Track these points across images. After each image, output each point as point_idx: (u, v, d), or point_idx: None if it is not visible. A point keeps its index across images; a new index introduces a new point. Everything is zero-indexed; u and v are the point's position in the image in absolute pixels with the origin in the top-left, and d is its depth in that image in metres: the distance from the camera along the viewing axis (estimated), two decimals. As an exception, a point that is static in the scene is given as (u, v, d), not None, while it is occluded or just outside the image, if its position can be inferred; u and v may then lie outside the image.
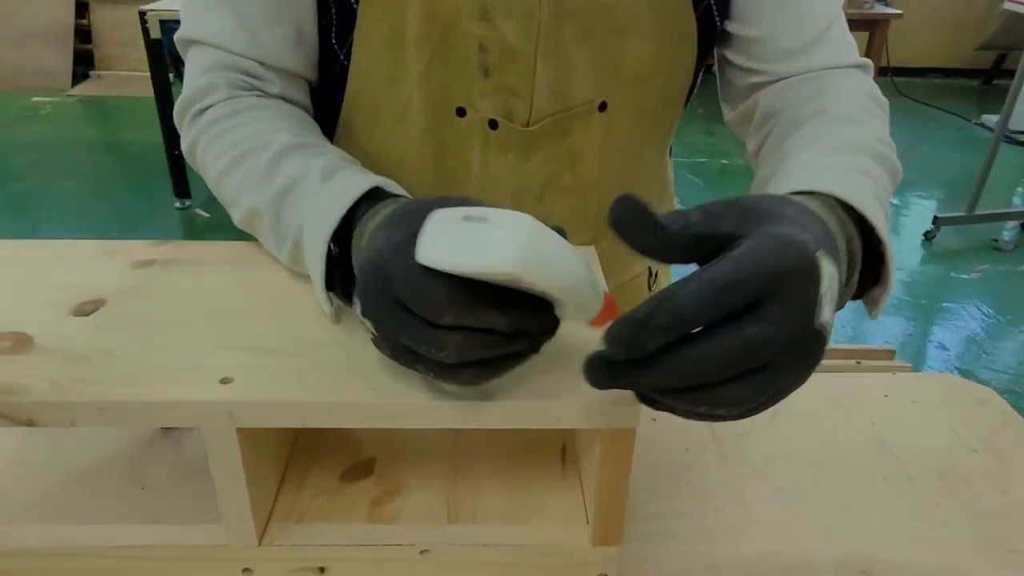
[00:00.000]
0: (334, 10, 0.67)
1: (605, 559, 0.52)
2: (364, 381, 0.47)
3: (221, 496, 0.48)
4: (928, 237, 3.28)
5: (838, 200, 0.49)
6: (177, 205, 3.38)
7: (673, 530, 0.62)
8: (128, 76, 5.00)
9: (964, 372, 2.42)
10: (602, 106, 0.71)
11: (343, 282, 0.53)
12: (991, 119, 4.50)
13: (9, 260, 0.62)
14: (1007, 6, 4.01)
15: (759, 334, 0.35)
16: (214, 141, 0.64)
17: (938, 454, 0.71)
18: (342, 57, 0.69)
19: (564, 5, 0.65)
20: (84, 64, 5.10)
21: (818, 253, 0.37)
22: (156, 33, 3.02)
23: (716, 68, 0.80)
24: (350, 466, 0.58)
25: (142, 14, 3.01)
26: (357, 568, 0.52)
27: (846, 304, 0.49)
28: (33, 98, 4.76)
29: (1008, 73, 5.16)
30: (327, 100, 0.74)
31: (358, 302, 0.44)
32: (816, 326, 0.37)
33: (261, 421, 0.45)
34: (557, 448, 0.60)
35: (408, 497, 0.55)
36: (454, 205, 0.42)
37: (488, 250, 0.37)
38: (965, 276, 3.02)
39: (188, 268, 0.60)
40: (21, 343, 0.50)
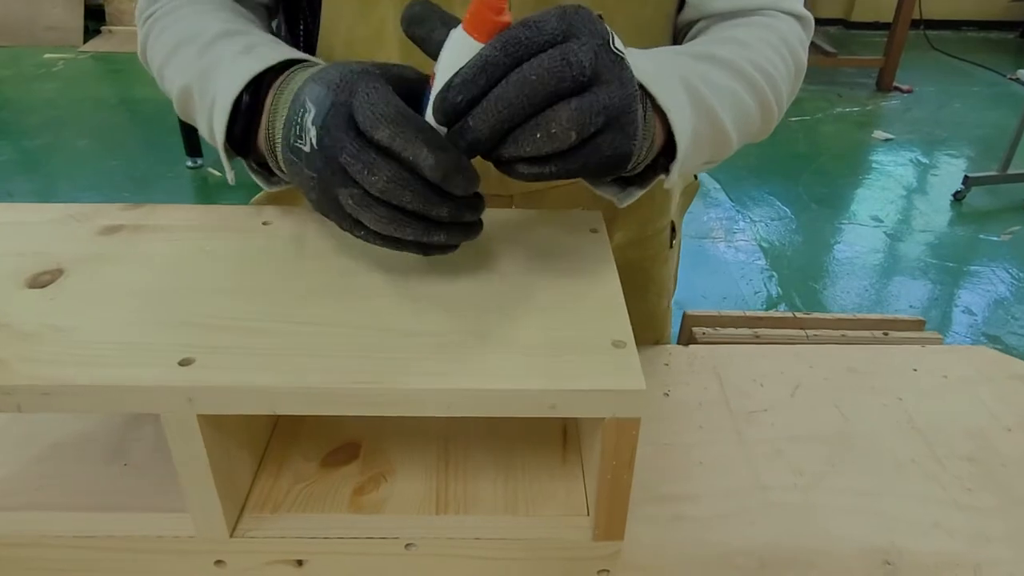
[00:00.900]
0: None
1: (606, 555, 0.48)
2: (340, 364, 0.42)
3: (185, 487, 0.44)
4: (957, 197, 3.18)
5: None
6: (189, 164, 3.34)
7: (684, 514, 0.58)
8: (139, 32, 4.94)
9: (991, 338, 2.35)
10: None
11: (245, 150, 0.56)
12: (1027, 74, 4.35)
13: (-30, 225, 0.57)
14: (1047, -46, 3.83)
15: (566, 48, 0.41)
16: (157, 38, 0.64)
17: (970, 434, 0.67)
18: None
19: None
20: (95, 19, 5.04)
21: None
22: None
23: None
24: (333, 449, 0.54)
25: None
26: (337, 562, 0.48)
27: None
28: (45, 54, 4.73)
29: (1046, 26, 4.98)
30: (308, 37, 0.71)
31: (310, 108, 0.45)
32: (613, 48, 0.43)
33: (224, 407, 0.41)
34: (558, 432, 0.56)
35: (394, 485, 0.51)
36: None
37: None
38: (995, 238, 2.93)
39: (157, 235, 0.55)
40: (-31, 317, 0.46)
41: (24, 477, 0.53)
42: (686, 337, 1.16)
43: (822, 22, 5.20)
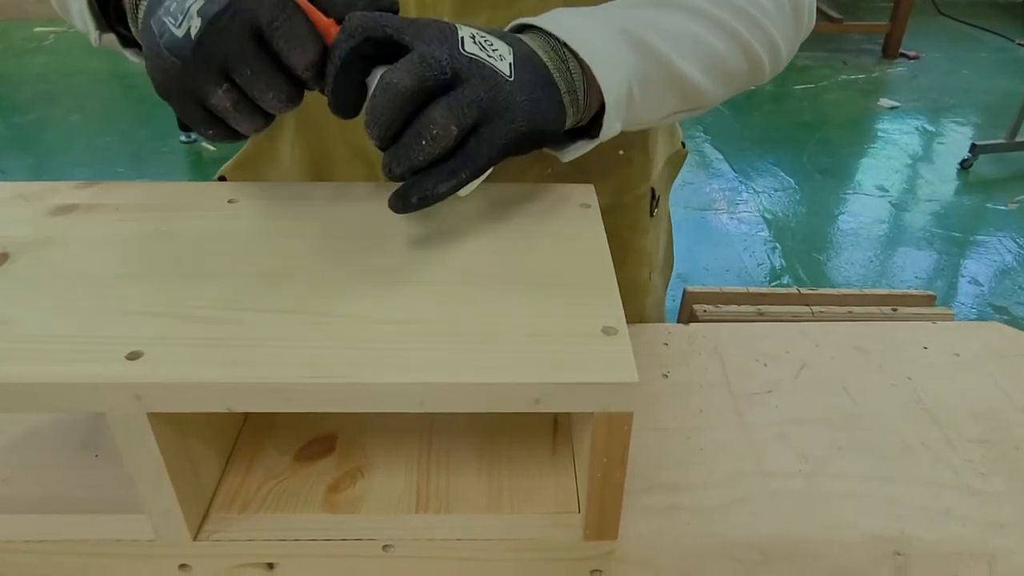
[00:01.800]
0: None
1: (599, 555, 0.45)
2: (303, 356, 0.39)
3: (141, 489, 0.41)
4: (964, 166, 3.14)
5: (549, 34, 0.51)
6: (183, 138, 3.31)
7: (682, 504, 0.56)
8: (132, 4, 4.88)
9: (998, 308, 2.32)
10: None
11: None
12: (1036, 39, 4.28)
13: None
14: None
15: (424, 51, 0.43)
16: None
17: (983, 415, 0.64)
18: None
19: None
20: (87, -8, 4.99)
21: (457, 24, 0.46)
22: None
23: None
24: (308, 442, 0.51)
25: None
26: (310, 565, 0.45)
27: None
28: (36, 28, 4.67)
29: (1055, -11, 4.89)
30: None
31: None
32: (463, 51, 0.44)
33: (175, 405, 0.38)
34: (548, 421, 0.53)
35: (371, 481, 0.48)
36: None
37: None
38: (1003, 207, 2.88)
39: (111, 216, 0.51)
40: (-93, 307, 0.42)
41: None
42: (687, 315, 1.13)
43: (827, -13, 5.12)
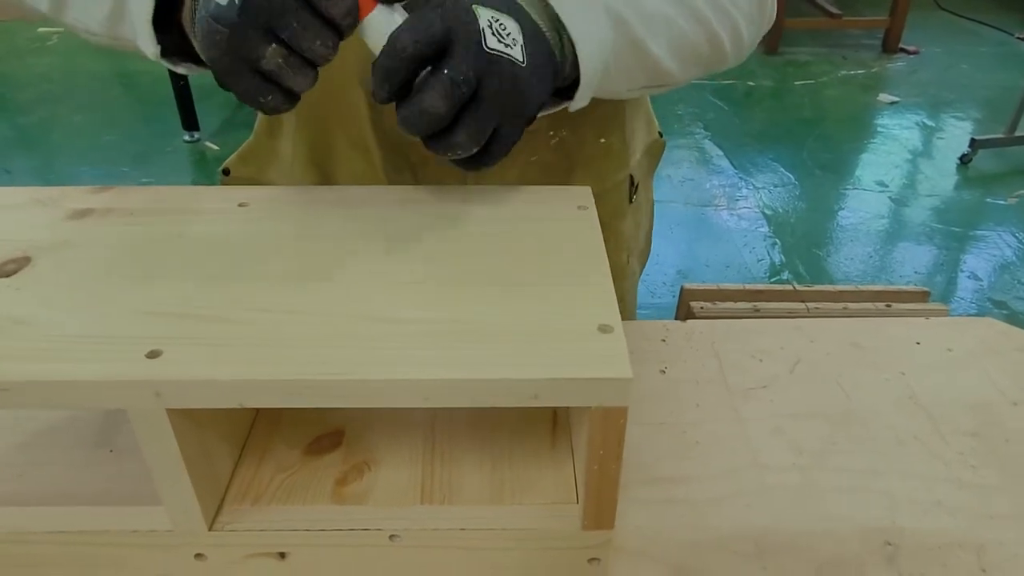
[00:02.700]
0: None
1: (597, 543, 0.47)
2: (313, 354, 0.41)
3: (159, 482, 0.43)
4: (964, 160, 3.14)
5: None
6: (186, 138, 3.31)
7: (679, 497, 0.57)
8: (134, 3, 4.87)
9: (997, 303, 2.33)
10: None
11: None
12: (1035, 33, 4.27)
13: (-63, 210, 0.55)
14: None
15: (450, 71, 0.44)
16: None
17: (975, 409, 0.66)
18: None
19: None
20: (89, -8, 4.98)
21: (473, 6, 0.47)
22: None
23: None
24: (316, 437, 0.53)
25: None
26: (320, 554, 0.47)
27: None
28: (39, 28, 4.67)
29: (1055, -17, 4.87)
30: None
31: None
32: (486, 48, 0.46)
33: (193, 401, 0.39)
34: (547, 415, 0.54)
35: (378, 474, 0.50)
36: None
37: None
38: (1002, 202, 2.89)
39: (127, 219, 0.53)
40: (-68, 309, 0.44)
41: (8, 463, 0.52)
42: (684, 312, 1.14)
43: (827, -17, 5.11)
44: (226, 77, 0.46)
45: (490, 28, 0.47)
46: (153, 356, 0.40)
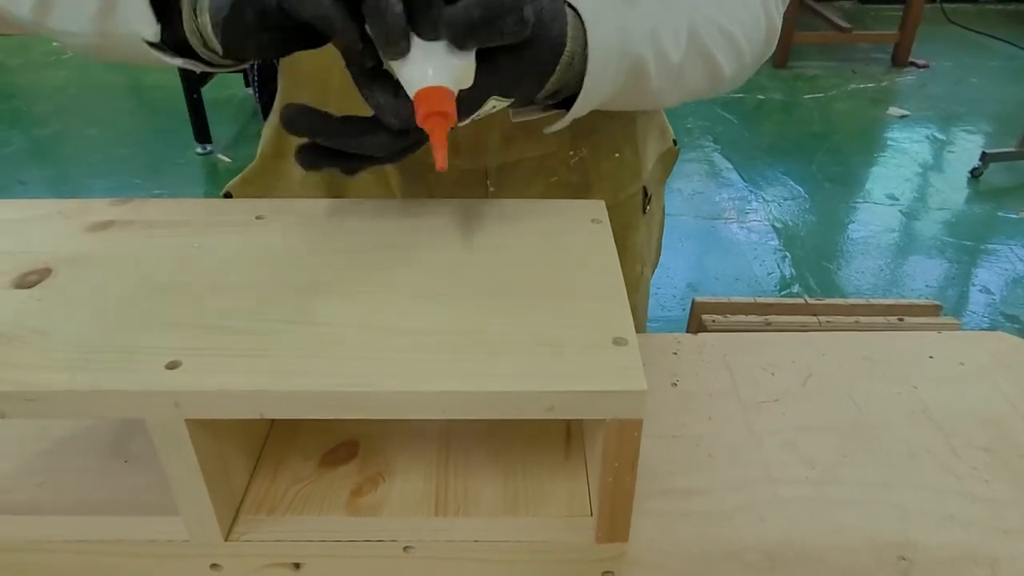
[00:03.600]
0: None
1: (610, 556, 0.47)
2: (332, 365, 0.41)
3: (176, 492, 0.43)
4: (975, 174, 3.13)
5: None
6: (199, 150, 3.34)
7: (692, 509, 0.57)
8: (148, 18, 4.93)
9: (1009, 317, 2.32)
10: None
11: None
12: (1046, 47, 4.27)
13: (-40, 222, 0.56)
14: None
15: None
16: None
17: (987, 423, 0.65)
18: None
19: None
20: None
21: None
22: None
23: None
24: (331, 448, 0.53)
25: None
26: (334, 564, 0.47)
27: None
28: (54, 42, 4.72)
29: (1066, -3, 4.87)
30: None
31: None
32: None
33: (212, 412, 0.40)
34: (561, 428, 0.54)
35: (392, 485, 0.50)
36: None
37: None
38: (1013, 215, 2.88)
39: (147, 231, 0.54)
40: (-46, 320, 0.45)
41: (27, 472, 0.52)
42: (695, 325, 1.15)
43: (836, -4, 5.13)
44: (241, 39, 0.43)
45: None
46: (172, 367, 0.41)
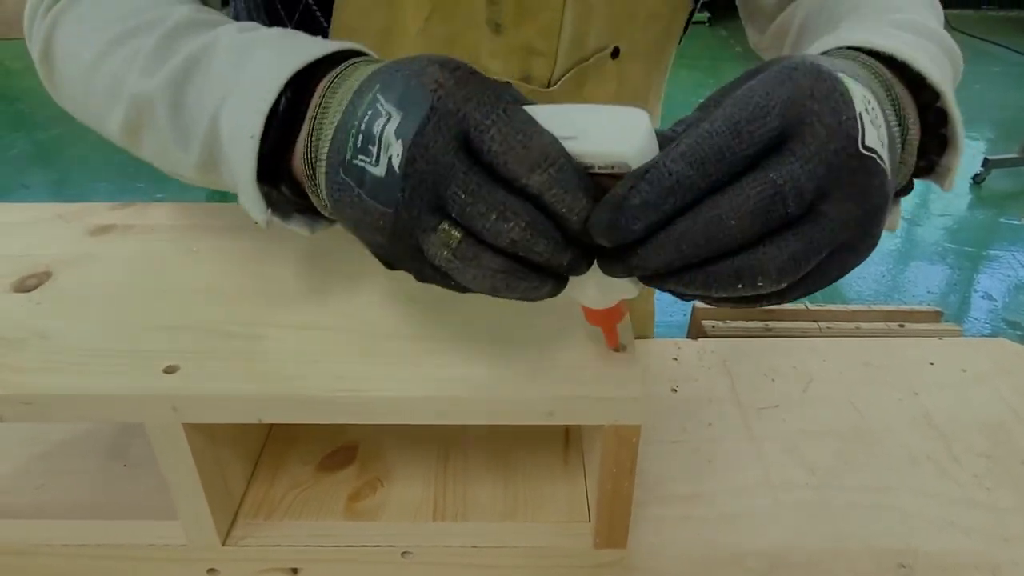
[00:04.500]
0: None
1: (609, 562, 0.47)
2: (329, 370, 0.41)
3: (175, 496, 0.43)
4: (977, 180, 3.13)
5: (870, 52, 0.40)
6: (201, 155, 3.35)
7: (692, 515, 0.57)
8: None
9: (1011, 324, 2.31)
10: (615, 52, 0.64)
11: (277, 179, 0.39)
12: (1048, 53, 4.27)
13: (-39, 226, 0.56)
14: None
15: (778, 177, 0.29)
16: (81, 22, 0.47)
17: (988, 429, 0.65)
18: (320, 17, 0.58)
19: None
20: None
21: (839, 74, 0.31)
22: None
23: None
24: (330, 452, 0.53)
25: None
26: (332, 569, 0.47)
27: (911, 180, 0.42)
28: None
29: (1068, 3, 4.87)
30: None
31: (390, 111, 0.32)
32: (861, 149, 0.30)
33: (209, 416, 0.40)
34: (560, 432, 0.54)
35: (391, 490, 0.50)
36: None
37: (601, 140, 0.31)
38: (1015, 222, 2.88)
39: (147, 236, 0.54)
40: (-46, 323, 0.45)
41: (27, 475, 0.52)
42: (696, 330, 1.14)
43: (838, 2, 5.12)
44: (400, 266, 0.35)
45: (868, 114, 0.32)
46: (170, 371, 0.41)
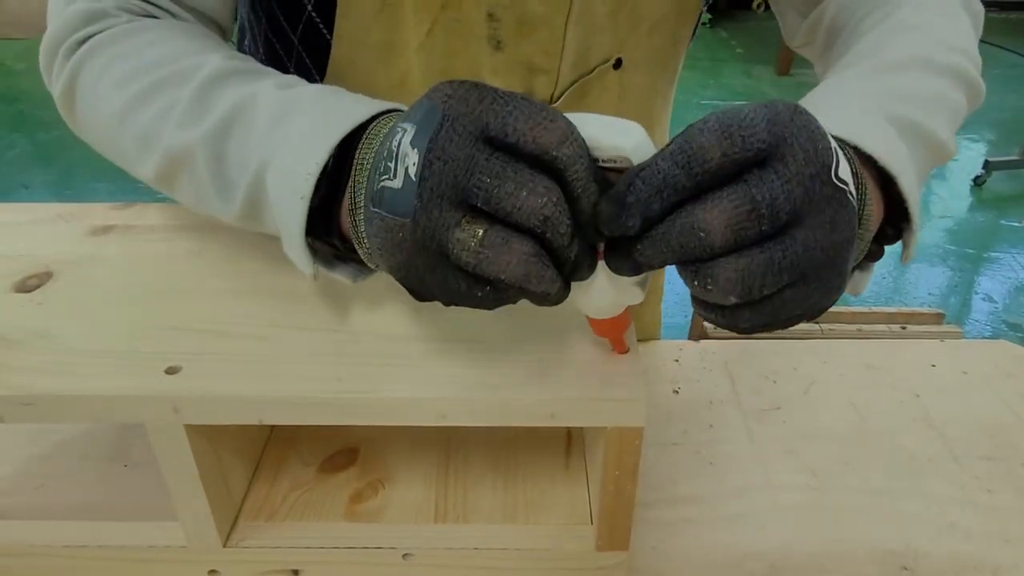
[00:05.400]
0: None
1: (611, 565, 0.47)
2: (330, 371, 0.41)
3: (175, 497, 0.43)
4: (978, 182, 3.13)
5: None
6: (201, 155, 3.35)
7: (693, 517, 0.57)
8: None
9: (1012, 326, 2.31)
10: (617, 63, 0.64)
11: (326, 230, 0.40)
12: (1049, 55, 4.26)
13: (-39, 226, 0.56)
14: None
15: (757, 193, 0.30)
16: (108, 68, 0.47)
17: (990, 432, 0.65)
18: (323, 28, 0.59)
19: None
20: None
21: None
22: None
23: None
24: (331, 454, 0.53)
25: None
26: (333, 571, 0.47)
27: (871, 252, 0.44)
28: (59, 46, 4.75)
29: (1069, 5, 4.88)
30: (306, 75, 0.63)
31: (405, 128, 0.32)
32: (835, 179, 0.32)
33: (211, 417, 0.40)
34: (561, 435, 0.54)
35: (392, 492, 0.50)
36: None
37: (602, 133, 0.33)
38: (1016, 223, 2.88)
39: (148, 236, 0.54)
40: (-45, 323, 0.45)
41: (27, 475, 0.52)
42: (697, 332, 1.14)
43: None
44: (427, 287, 0.34)
45: (843, 152, 0.34)
46: (172, 372, 0.41)
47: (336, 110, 0.40)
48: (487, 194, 0.31)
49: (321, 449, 0.53)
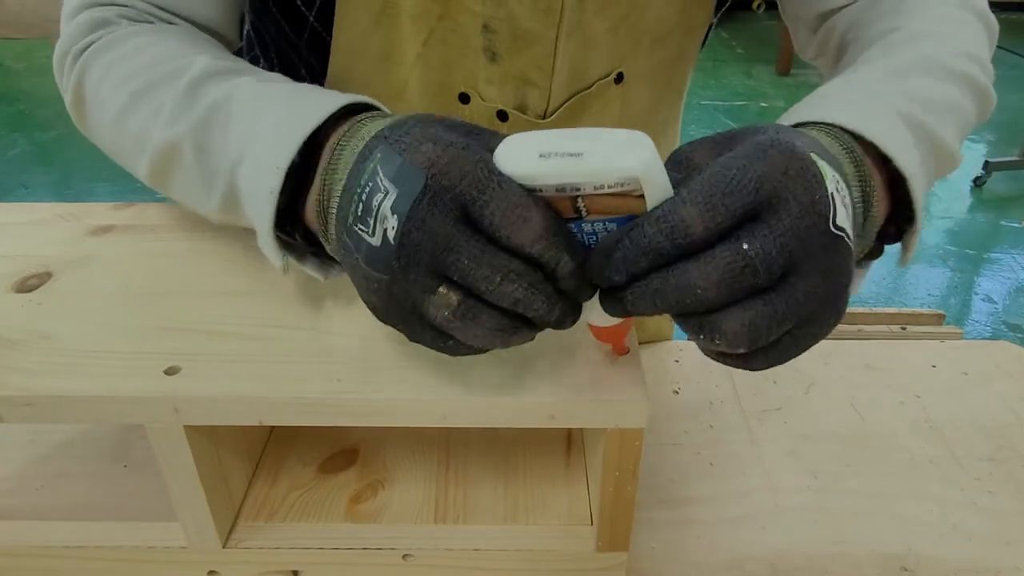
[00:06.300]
0: None
1: (611, 566, 0.47)
2: (330, 372, 0.41)
3: (175, 497, 0.43)
4: (978, 183, 3.13)
5: (844, 129, 0.41)
6: (201, 156, 3.35)
7: (693, 518, 0.57)
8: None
9: (1012, 326, 2.31)
10: (618, 77, 0.64)
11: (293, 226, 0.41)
12: (1049, 56, 4.26)
13: (-40, 226, 0.56)
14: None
15: (750, 248, 0.30)
16: (108, 72, 0.49)
17: (991, 432, 0.65)
18: (326, 36, 0.59)
19: None
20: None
21: (812, 155, 0.32)
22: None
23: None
24: (331, 454, 0.53)
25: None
26: (333, 572, 0.47)
27: (871, 251, 0.43)
28: (59, 46, 4.74)
29: (1069, 6, 4.87)
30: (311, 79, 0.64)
31: (387, 188, 0.33)
32: (832, 228, 0.32)
33: (211, 418, 0.40)
34: (562, 435, 0.54)
35: (392, 492, 0.50)
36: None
37: (609, 156, 0.32)
38: (1016, 224, 2.88)
39: (147, 236, 0.54)
40: (-47, 324, 0.45)
41: (27, 476, 0.52)
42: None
43: (839, 5, 5.12)
44: (393, 326, 0.36)
45: (839, 194, 0.33)
46: (172, 373, 0.40)
47: (307, 103, 0.41)
48: (463, 273, 0.32)
49: (321, 450, 0.53)
